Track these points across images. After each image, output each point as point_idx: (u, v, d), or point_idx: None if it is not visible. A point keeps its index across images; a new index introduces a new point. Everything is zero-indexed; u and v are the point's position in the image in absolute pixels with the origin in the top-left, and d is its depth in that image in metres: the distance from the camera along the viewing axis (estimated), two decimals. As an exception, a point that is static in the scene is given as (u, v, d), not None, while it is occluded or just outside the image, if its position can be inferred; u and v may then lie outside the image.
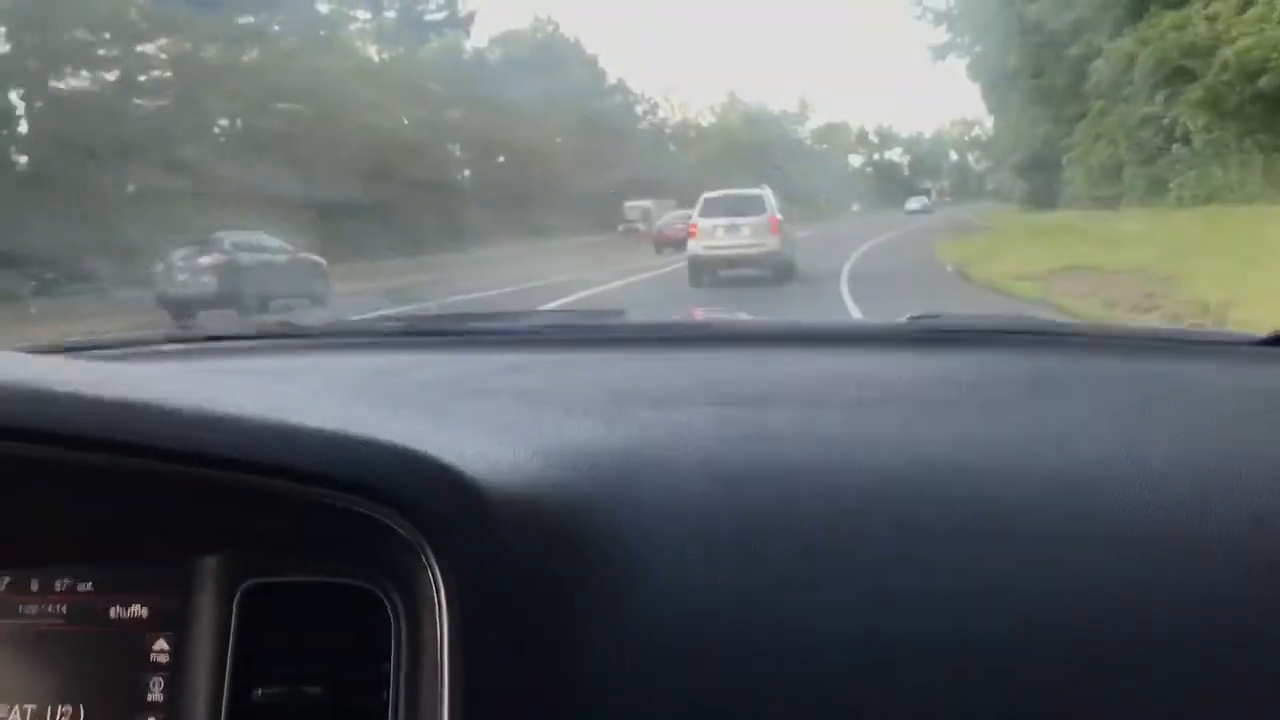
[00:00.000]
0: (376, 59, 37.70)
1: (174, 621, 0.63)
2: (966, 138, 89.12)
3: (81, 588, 0.64)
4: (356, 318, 1.53)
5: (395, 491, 0.59)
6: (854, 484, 0.69)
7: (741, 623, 0.62)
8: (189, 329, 1.31)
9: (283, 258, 15.92)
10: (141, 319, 12.51)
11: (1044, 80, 35.45)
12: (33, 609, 0.64)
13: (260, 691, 0.61)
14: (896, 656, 0.60)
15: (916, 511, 0.67)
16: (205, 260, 14.75)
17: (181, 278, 14.58)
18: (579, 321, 1.40)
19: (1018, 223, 32.57)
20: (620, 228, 35.69)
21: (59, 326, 12.49)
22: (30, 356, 0.60)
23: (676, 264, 18.08)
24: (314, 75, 27.18)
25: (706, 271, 15.05)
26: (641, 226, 33.25)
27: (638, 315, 1.69)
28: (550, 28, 54.19)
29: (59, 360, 0.61)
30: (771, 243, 14.73)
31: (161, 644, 0.63)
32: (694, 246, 15.33)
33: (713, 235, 15.02)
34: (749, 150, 59.27)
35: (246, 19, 27.79)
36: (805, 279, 15.28)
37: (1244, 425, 0.73)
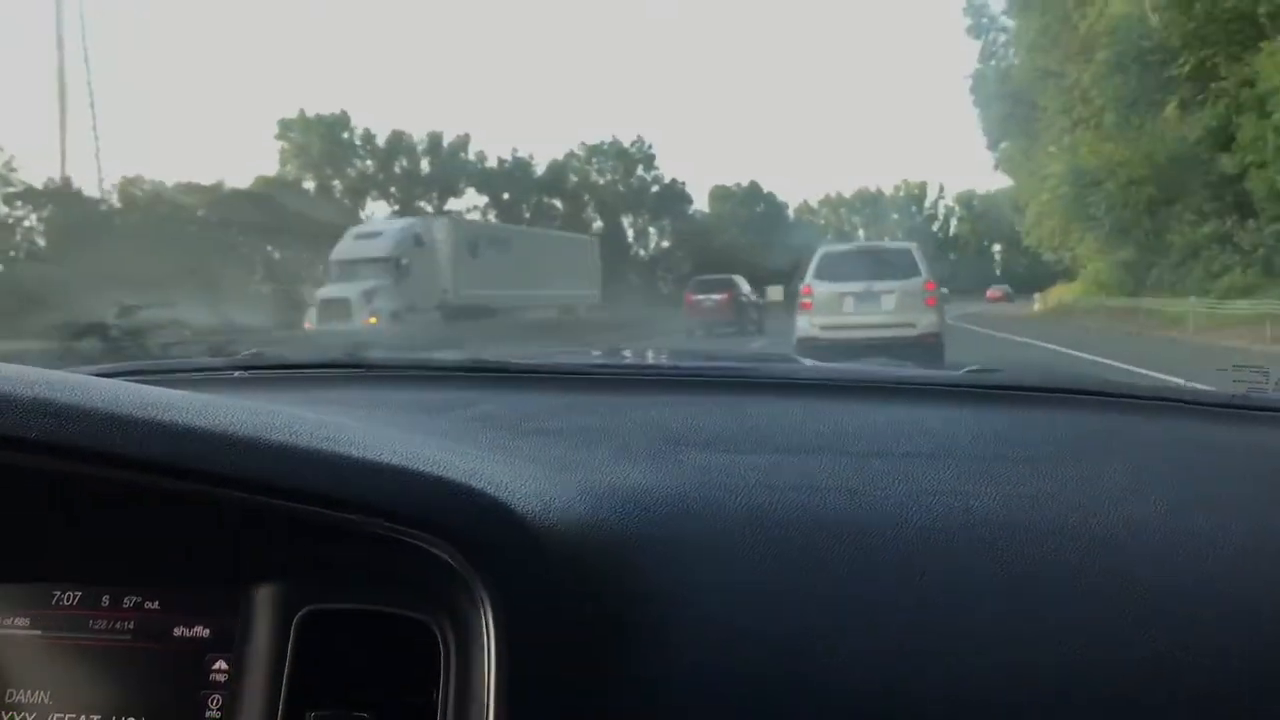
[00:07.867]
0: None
1: (233, 643, 0.66)
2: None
3: (149, 606, 0.67)
4: (424, 352, 1.55)
5: (450, 526, 0.61)
6: (900, 538, 0.69)
7: (778, 669, 0.62)
8: (260, 358, 1.35)
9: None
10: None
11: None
12: (102, 624, 0.67)
13: (313, 715, 0.63)
14: (930, 711, 0.60)
15: (962, 567, 0.67)
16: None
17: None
18: (636, 362, 1.41)
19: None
20: None
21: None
22: (97, 379, 0.63)
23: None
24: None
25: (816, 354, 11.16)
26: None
27: (694, 358, 1.70)
28: None
29: (125, 384, 0.64)
30: (926, 321, 10.14)
31: (221, 664, 0.65)
32: (804, 325, 10.46)
33: (837, 308, 10.31)
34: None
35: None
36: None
37: None
